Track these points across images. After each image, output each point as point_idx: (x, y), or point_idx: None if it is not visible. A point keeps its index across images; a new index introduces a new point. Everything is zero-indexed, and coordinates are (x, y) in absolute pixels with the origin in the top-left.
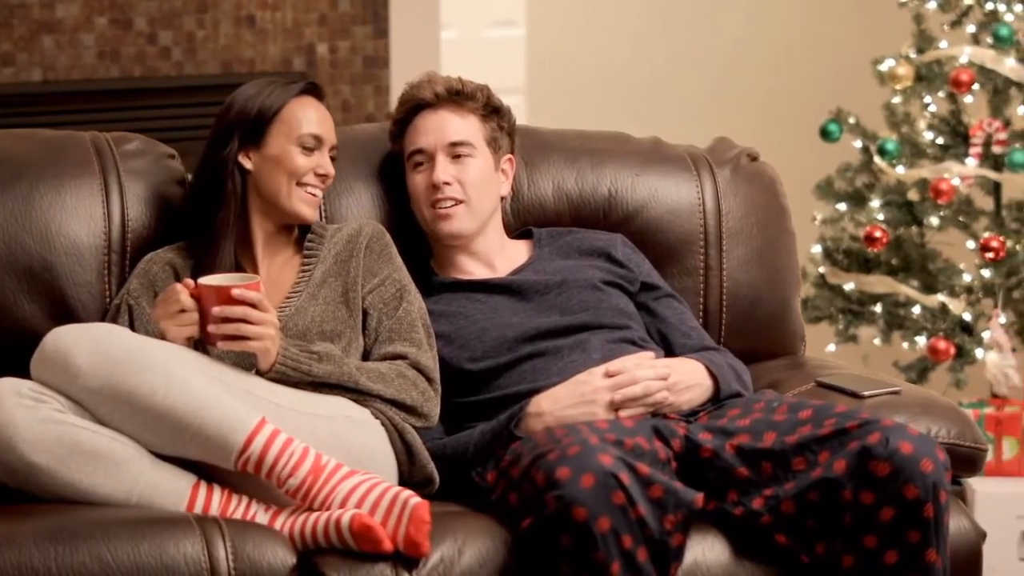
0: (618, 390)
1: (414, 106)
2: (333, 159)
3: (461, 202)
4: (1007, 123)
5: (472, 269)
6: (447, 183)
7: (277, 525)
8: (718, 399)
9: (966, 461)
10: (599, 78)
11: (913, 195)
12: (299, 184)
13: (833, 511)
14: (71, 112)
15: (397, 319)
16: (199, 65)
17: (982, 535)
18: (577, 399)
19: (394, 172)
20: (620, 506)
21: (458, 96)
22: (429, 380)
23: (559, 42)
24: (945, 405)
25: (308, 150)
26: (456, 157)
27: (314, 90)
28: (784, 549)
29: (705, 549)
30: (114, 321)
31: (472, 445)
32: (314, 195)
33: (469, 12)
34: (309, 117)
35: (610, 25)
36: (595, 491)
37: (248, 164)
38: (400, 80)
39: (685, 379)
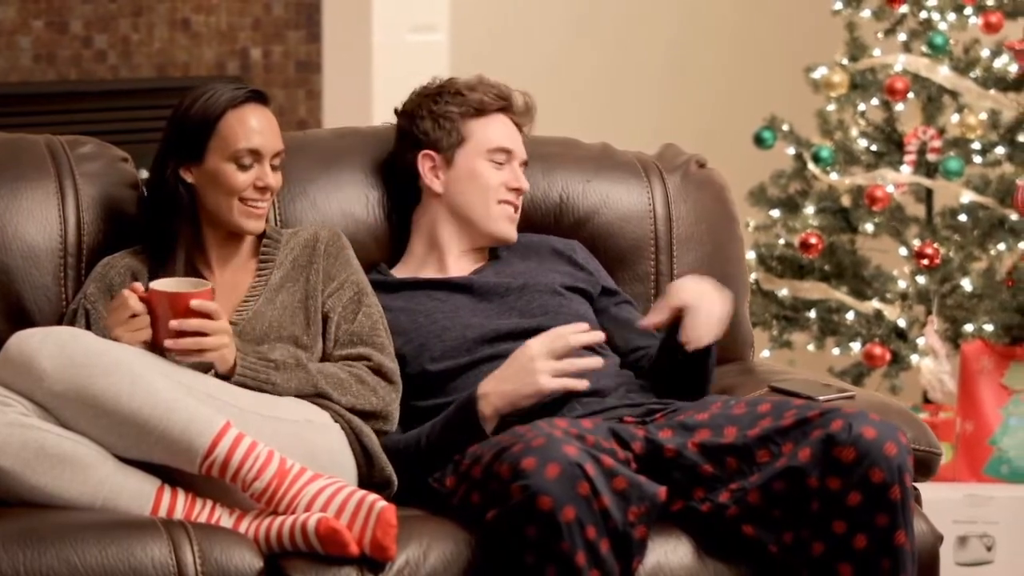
0: (550, 347)
1: (504, 105)
2: (277, 168)
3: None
4: (941, 131)
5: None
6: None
7: (242, 529)
8: (706, 357)
9: (921, 465)
10: (523, 85)
11: (846, 202)
12: (240, 199)
13: (799, 499)
14: (8, 115)
15: (358, 323)
16: (134, 68)
17: (939, 538)
18: (517, 370)
19: (347, 175)
20: (585, 496)
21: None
22: (390, 383)
23: (481, 48)
24: (899, 410)
25: (245, 166)
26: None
27: (257, 97)
28: (752, 541)
29: (668, 551)
30: (71, 325)
31: (424, 436)
32: (256, 208)
33: (390, 17)
34: (246, 130)
35: (534, 32)
36: (560, 481)
37: (190, 179)
38: (333, 85)
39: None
